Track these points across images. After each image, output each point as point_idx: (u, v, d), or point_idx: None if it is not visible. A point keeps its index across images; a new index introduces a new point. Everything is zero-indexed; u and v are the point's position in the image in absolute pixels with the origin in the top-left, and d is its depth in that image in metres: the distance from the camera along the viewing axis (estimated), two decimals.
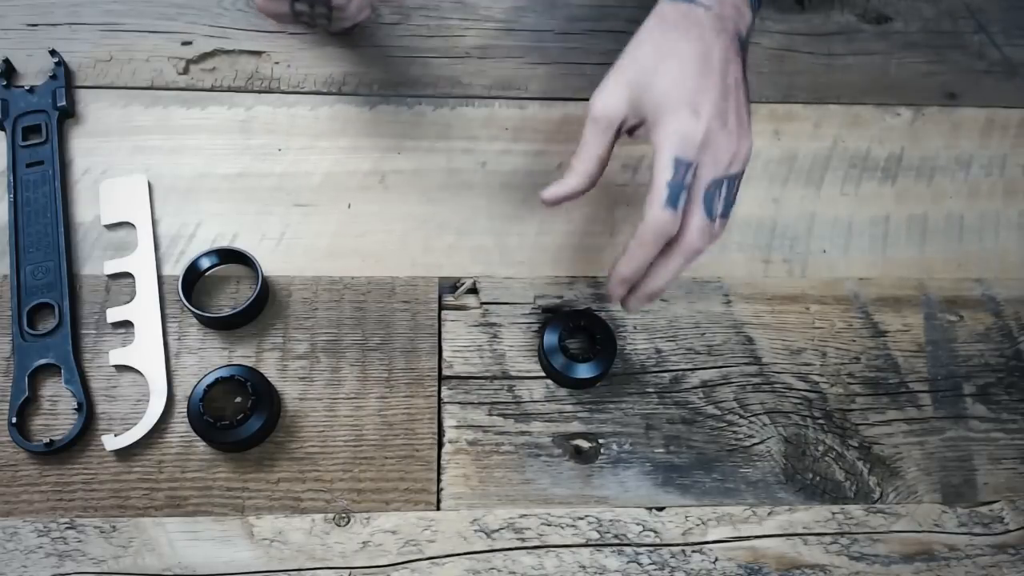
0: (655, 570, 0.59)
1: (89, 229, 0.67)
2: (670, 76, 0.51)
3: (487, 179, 0.58)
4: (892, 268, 0.70)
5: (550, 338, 0.63)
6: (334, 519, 0.59)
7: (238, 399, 0.60)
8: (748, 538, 0.61)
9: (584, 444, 0.63)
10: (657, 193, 0.49)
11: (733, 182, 0.52)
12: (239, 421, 0.58)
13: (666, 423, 0.64)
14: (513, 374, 0.64)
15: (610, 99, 0.52)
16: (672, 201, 0.49)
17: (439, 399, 0.63)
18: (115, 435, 0.60)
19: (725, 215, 0.53)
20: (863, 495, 0.63)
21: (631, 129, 0.54)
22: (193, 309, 0.62)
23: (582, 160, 0.53)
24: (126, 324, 0.63)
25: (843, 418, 0.65)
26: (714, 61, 0.51)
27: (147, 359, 0.62)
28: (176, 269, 0.65)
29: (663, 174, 0.49)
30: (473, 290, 0.67)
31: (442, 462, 0.62)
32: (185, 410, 0.60)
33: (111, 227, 0.66)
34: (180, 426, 0.61)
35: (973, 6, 0.81)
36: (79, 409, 0.60)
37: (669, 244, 0.52)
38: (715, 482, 0.62)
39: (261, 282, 0.63)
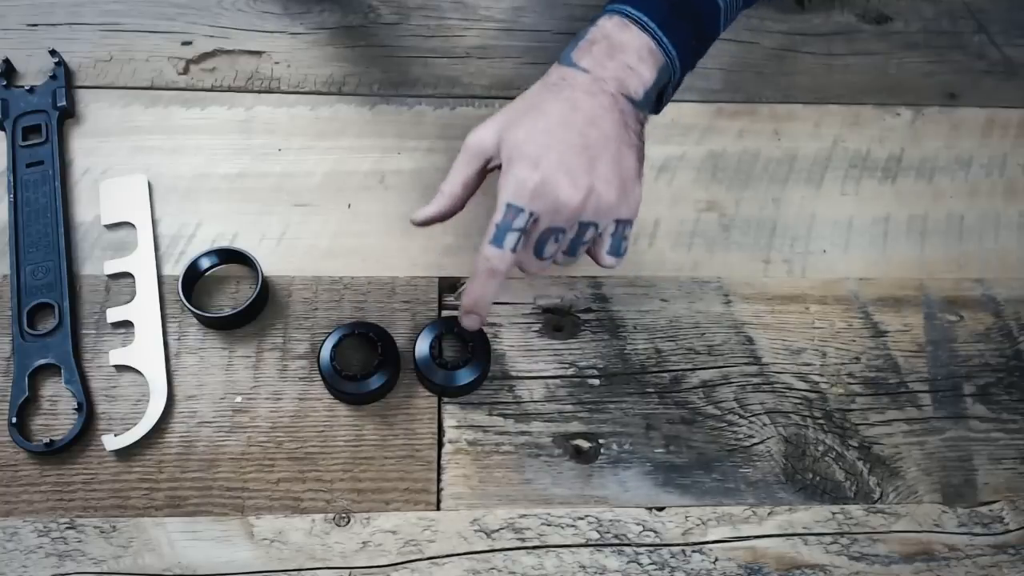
0: (655, 570, 0.59)
1: (89, 229, 0.67)
2: (525, 128, 0.55)
3: (487, 179, 0.58)
4: (892, 268, 0.70)
5: (421, 347, 0.62)
6: (334, 519, 0.59)
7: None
8: (748, 538, 0.61)
9: (584, 444, 0.63)
10: (488, 232, 0.54)
11: (586, 229, 0.55)
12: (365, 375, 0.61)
13: (666, 423, 0.64)
14: (513, 374, 0.64)
15: (481, 135, 0.56)
16: (497, 240, 0.54)
17: (439, 399, 0.63)
18: (115, 435, 0.60)
19: (572, 253, 0.57)
20: (863, 495, 0.63)
21: (495, 167, 0.58)
22: (193, 309, 0.62)
23: (449, 183, 0.57)
24: (126, 324, 0.63)
25: (843, 418, 0.65)
26: (576, 120, 0.54)
27: (147, 359, 0.62)
28: (176, 269, 0.65)
29: (495, 215, 0.54)
30: None
31: (442, 462, 0.62)
32: (184, 409, 0.60)
33: (111, 227, 0.66)
34: (180, 426, 0.61)
35: (973, 6, 0.81)
36: (79, 409, 0.60)
37: None
38: (715, 482, 0.62)
39: (261, 282, 0.63)
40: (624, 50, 0.57)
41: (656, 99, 0.60)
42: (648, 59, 0.57)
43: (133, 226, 0.66)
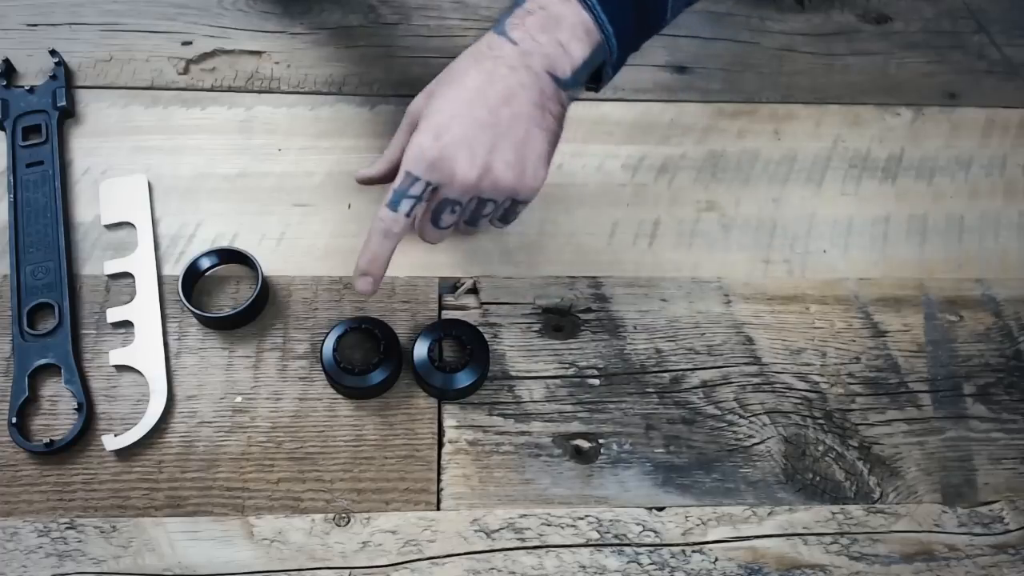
0: (655, 570, 0.59)
1: (89, 229, 0.67)
2: (439, 98, 0.55)
3: None
4: (892, 268, 0.70)
5: (419, 351, 0.62)
6: (334, 519, 0.59)
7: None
8: (748, 538, 0.61)
9: (584, 444, 0.63)
10: (386, 194, 0.55)
11: (484, 205, 0.56)
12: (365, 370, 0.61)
13: (666, 423, 0.64)
14: (513, 374, 0.64)
15: (416, 101, 0.57)
16: (393, 204, 0.54)
17: (439, 399, 0.63)
18: (115, 435, 0.60)
19: (472, 224, 0.58)
20: (863, 495, 0.63)
21: None
22: (193, 309, 0.62)
23: (390, 149, 0.58)
24: (126, 324, 0.63)
25: (843, 418, 0.65)
26: (490, 95, 0.54)
27: (147, 359, 0.62)
28: (176, 269, 0.65)
29: (395, 180, 0.55)
30: (473, 290, 0.67)
31: (442, 462, 0.62)
32: (184, 409, 0.60)
33: (111, 227, 0.66)
34: (180, 426, 0.61)
35: (973, 6, 0.82)
36: (79, 409, 0.60)
37: None
38: (715, 482, 0.62)
39: (261, 282, 0.63)
40: (559, 24, 0.55)
41: (593, 77, 0.59)
42: (583, 38, 0.55)
43: (133, 226, 0.66)
